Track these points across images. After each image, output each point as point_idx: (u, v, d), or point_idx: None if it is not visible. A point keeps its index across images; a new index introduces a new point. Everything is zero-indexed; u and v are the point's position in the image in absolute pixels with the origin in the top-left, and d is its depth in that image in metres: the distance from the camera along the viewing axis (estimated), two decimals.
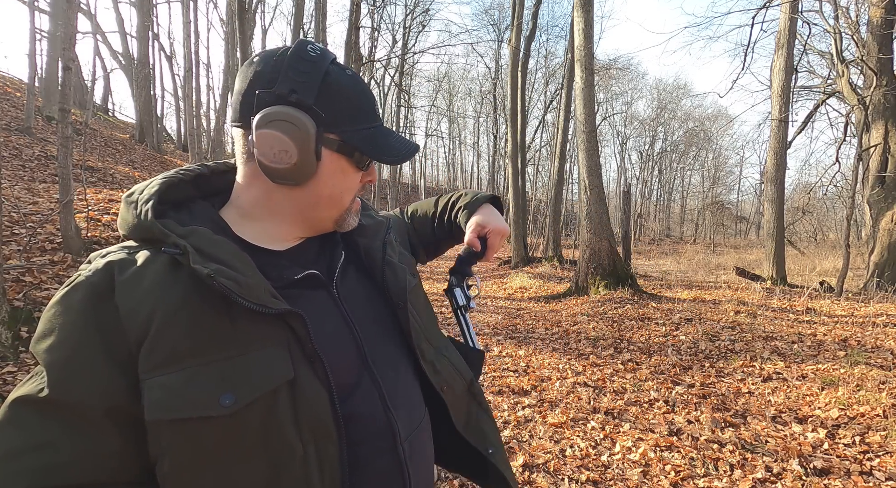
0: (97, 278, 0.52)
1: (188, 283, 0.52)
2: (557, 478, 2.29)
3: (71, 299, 0.51)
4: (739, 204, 38.86)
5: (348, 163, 0.63)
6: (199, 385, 0.49)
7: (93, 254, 0.58)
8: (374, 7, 17.61)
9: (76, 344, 0.49)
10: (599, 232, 7.44)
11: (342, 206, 0.66)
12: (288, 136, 0.57)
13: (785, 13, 8.04)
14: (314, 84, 0.59)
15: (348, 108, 0.62)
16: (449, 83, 39.17)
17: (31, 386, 0.49)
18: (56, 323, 0.50)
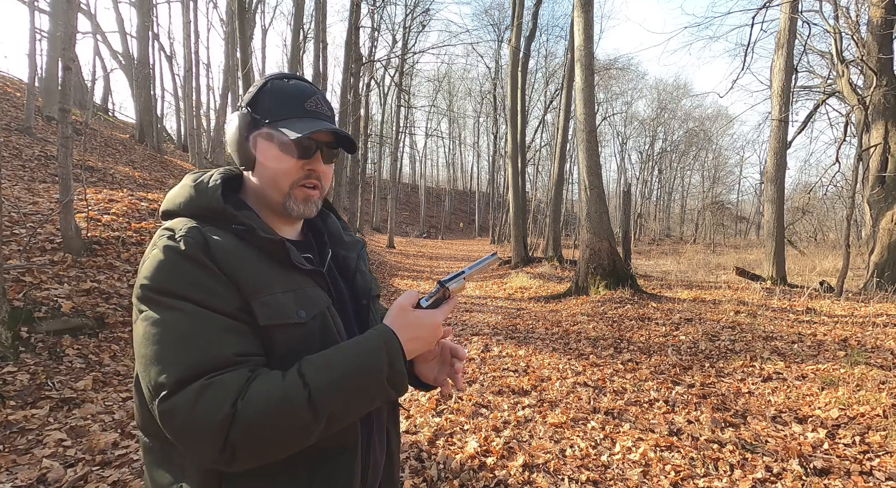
0: (196, 238, 0.71)
1: (254, 249, 0.75)
2: (557, 478, 2.29)
3: (187, 251, 0.69)
4: (739, 204, 38.86)
5: (278, 150, 0.79)
6: (284, 304, 0.73)
7: (171, 226, 0.74)
8: (374, 7, 17.59)
9: (207, 275, 0.69)
10: (599, 232, 7.43)
11: (282, 188, 0.80)
12: (233, 132, 0.82)
13: (785, 13, 8.04)
14: (252, 94, 0.82)
15: (272, 104, 0.81)
16: (449, 83, 39.17)
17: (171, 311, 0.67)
18: (185, 269, 0.68)
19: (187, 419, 0.61)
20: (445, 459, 2.44)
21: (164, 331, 0.65)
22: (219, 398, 0.62)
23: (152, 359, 0.64)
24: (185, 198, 0.78)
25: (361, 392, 0.69)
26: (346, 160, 11.18)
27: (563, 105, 13.66)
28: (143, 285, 0.68)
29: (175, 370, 0.63)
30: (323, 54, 11.21)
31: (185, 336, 0.65)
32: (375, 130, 28.88)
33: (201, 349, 0.65)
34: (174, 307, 0.66)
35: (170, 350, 0.64)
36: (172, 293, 0.67)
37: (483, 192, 39.57)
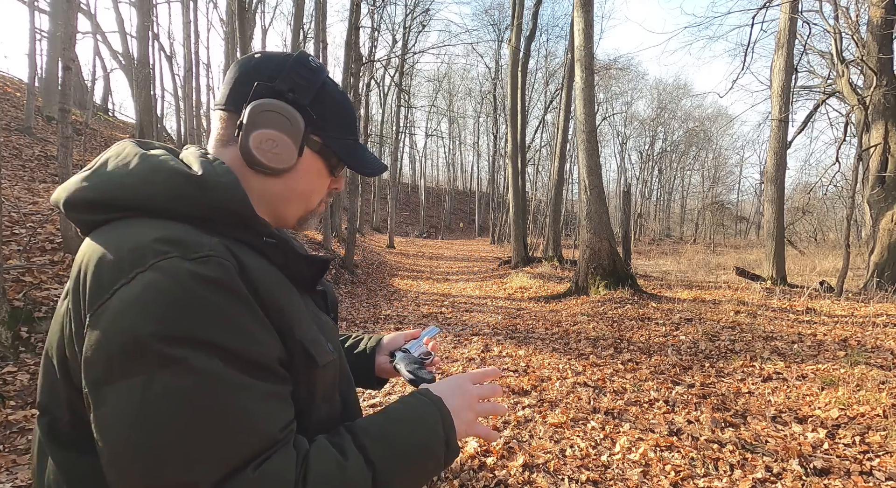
0: (229, 259, 0.53)
1: (274, 267, 0.60)
2: (557, 478, 2.29)
3: (223, 280, 0.51)
4: (739, 204, 38.87)
5: (324, 166, 0.70)
6: (320, 339, 0.62)
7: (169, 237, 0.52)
8: (374, 7, 17.61)
9: (248, 313, 0.52)
10: (599, 232, 7.44)
11: (310, 206, 0.72)
12: (278, 128, 0.63)
13: (785, 13, 8.04)
14: (312, 88, 0.67)
15: (336, 117, 0.69)
16: (449, 83, 39.18)
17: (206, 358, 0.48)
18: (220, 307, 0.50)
19: None
20: None
21: (191, 403, 0.46)
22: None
23: (166, 449, 0.44)
24: (176, 191, 0.55)
25: (422, 472, 0.60)
26: None
27: (563, 105, 13.66)
28: (151, 333, 0.46)
29: (209, 466, 0.45)
30: (323, 54, 11.21)
31: (219, 413, 0.46)
32: (375, 130, 28.88)
33: (243, 431, 0.48)
34: (202, 367, 0.47)
35: (196, 435, 0.45)
36: (201, 343, 0.47)
37: (483, 192, 39.58)
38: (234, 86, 0.65)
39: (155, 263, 0.49)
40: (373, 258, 13.94)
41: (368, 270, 11.45)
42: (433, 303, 7.88)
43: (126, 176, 0.56)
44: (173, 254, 0.49)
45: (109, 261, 0.50)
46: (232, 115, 0.65)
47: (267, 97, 0.63)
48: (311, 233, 11.87)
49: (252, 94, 0.63)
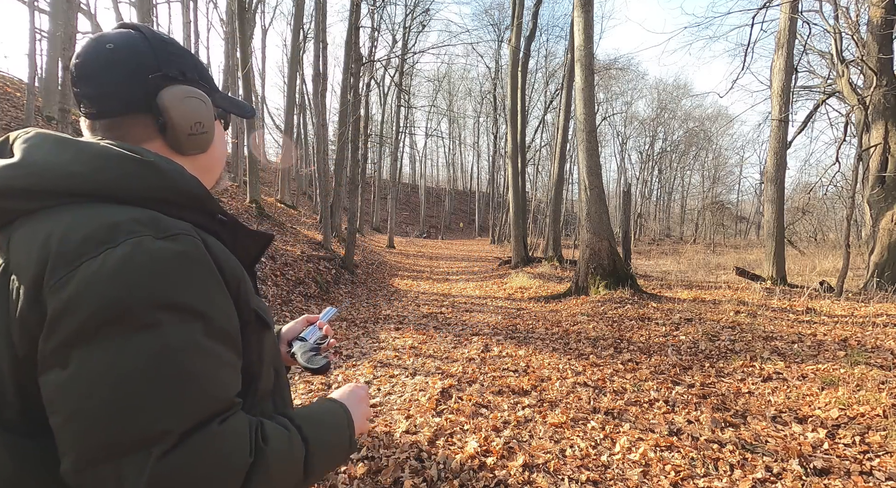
0: (195, 236, 0.57)
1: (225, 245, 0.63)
2: (557, 478, 2.29)
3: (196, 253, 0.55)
4: (739, 204, 38.85)
5: (221, 127, 0.76)
6: (266, 308, 0.68)
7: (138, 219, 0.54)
8: (374, 7, 17.59)
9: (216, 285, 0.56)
10: (599, 232, 7.44)
11: (222, 165, 0.77)
12: (200, 112, 0.67)
13: (785, 13, 8.04)
14: (191, 62, 0.70)
15: (206, 74, 0.72)
16: (449, 83, 39.17)
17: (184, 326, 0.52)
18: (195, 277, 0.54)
19: (198, 477, 0.49)
20: (445, 459, 2.44)
21: (165, 362, 0.49)
22: (235, 448, 0.52)
23: (139, 401, 0.47)
24: (137, 177, 0.57)
25: (336, 457, 0.69)
26: (345, 160, 11.17)
27: (563, 105, 13.66)
28: (127, 298, 0.48)
29: (180, 417, 0.49)
30: (323, 54, 11.21)
31: (191, 372, 0.50)
32: (375, 130, 28.88)
33: (210, 390, 0.52)
34: (179, 330, 0.50)
35: (170, 390, 0.49)
36: (184, 308, 0.51)
37: (483, 192, 39.58)
38: (120, 88, 0.63)
39: (125, 240, 0.51)
40: (373, 258, 13.95)
41: (368, 270, 11.45)
42: (433, 302, 7.88)
43: (70, 163, 0.56)
44: (144, 233, 0.52)
45: (73, 239, 0.51)
46: (138, 117, 0.65)
47: (167, 86, 0.65)
48: (312, 233, 11.86)
49: (153, 89, 0.64)
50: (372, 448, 2.56)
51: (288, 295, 6.61)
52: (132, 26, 0.68)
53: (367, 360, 4.34)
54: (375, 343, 5.05)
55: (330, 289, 8.03)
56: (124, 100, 0.64)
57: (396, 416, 3.01)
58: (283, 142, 15.91)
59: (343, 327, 5.81)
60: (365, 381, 3.75)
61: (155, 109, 0.64)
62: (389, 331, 5.63)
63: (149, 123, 0.65)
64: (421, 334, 5.40)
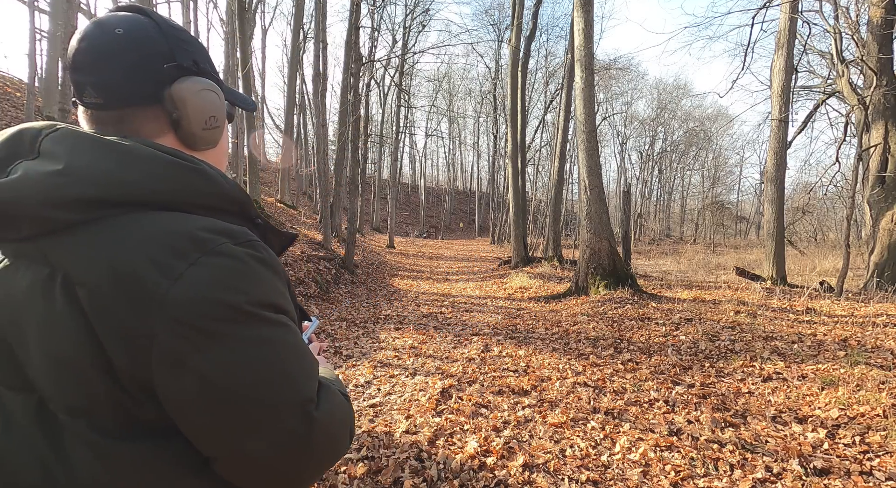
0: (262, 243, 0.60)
1: None
2: (557, 478, 2.29)
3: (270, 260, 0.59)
4: (739, 204, 38.85)
5: (226, 122, 0.72)
6: None
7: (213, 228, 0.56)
8: (374, 7, 17.59)
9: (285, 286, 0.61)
10: (599, 232, 7.43)
11: (226, 160, 0.75)
12: (214, 105, 0.65)
13: (785, 13, 8.04)
14: (202, 51, 0.67)
15: (215, 68, 0.70)
16: (449, 83, 39.16)
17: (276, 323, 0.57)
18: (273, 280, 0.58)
19: (338, 420, 0.61)
20: (445, 459, 2.44)
21: (287, 347, 0.57)
22: (341, 399, 0.64)
23: (287, 376, 0.55)
24: (189, 185, 0.58)
25: None
26: (346, 160, 11.18)
27: (563, 105, 13.66)
28: (240, 301, 0.53)
29: (312, 384, 0.59)
30: (323, 54, 11.21)
31: (302, 349, 0.59)
32: (375, 130, 28.88)
33: (312, 362, 0.61)
34: (283, 323, 0.58)
35: (299, 365, 0.58)
36: (278, 307, 0.58)
37: (483, 192, 39.57)
38: (132, 77, 0.60)
39: (214, 248, 0.53)
40: (373, 258, 13.94)
41: (368, 270, 11.45)
42: (433, 302, 7.88)
43: (119, 169, 0.54)
44: (225, 240, 0.55)
45: (159, 251, 0.51)
46: (149, 110, 0.62)
47: (182, 78, 0.62)
48: (312, 233, 11.86)
49: (167, 80, 0.61)
50: (372, 448, 2.56)
51: None
52: (138, 9, 0.63)
53: (367, 360, 4.34)
54: (375, 343, 5.05)
55: (330, 288, 8.03)
56: (137, 90, 0.60)
57: (396, 416, 3.01)
58: (283, 142, 15.91)
59: (343, 327, 5.81)
60: (365, 381, 3.75)
61: (168, 102, 0.62)
62: (389, 330, 5.63)
63: (160, 116, 0.62)
64: (421, 334, 5.40)
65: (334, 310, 6.93)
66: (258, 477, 0.55)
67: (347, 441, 0.64)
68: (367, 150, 24.68)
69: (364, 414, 3.08)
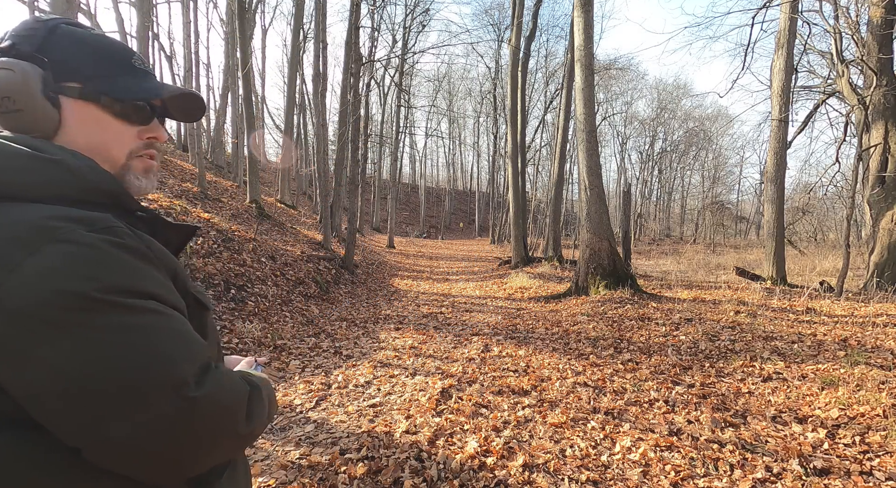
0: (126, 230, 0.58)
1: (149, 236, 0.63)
2: (557, 478, 2.29)
3: (131, 244, 0.56)
4: (739, 204, 38.85)
5: (103, 112, 0.65)
6: (204, 290, 0.72)
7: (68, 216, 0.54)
8: (374, 7, 17.59)
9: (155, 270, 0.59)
10: (599, 232, 7.44)
11: (116, 161, 0.67)
12: (9, 83, 0.60)
13: (785, 13, 8.04)
14: (38, 36, 0.63)
15: (88, 56, 0.65)
16: (449, 83, 39.17)
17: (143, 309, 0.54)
18: (138, 265, 0.56)
19: (223, 403, 0.58)
20: (445, 459, 2.44)
21: (154, 332, 0.54)
22: (235, 381, 0.62)
23: (154, 359, 0.53)
24: (46, 177, 0.57)
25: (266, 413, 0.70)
26: (346, 160, 11.17)
27: (563, 105, 13.66)
28: (87, 289, 0.50)
29: (188, 364, 0.55)
30: (323, 54, 11.20)
31: (180, 332, 0.57)
32: (375, 130, 28.88)
33: (193, 341, 0.59)
34: (148, 309, 0.54)
35: (170, 347, 0.55)
36: (141, 293, 0.54)
37: (483, 192, 39.56)
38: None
39: (61, 236, 0.51)
40: (373, 258, 13.94)
41: (368, 270, 11.45)
42: (433, 303, 7.88)
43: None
44: (77, 227, 0.53)
45: (1, 242, 0.50)
46: None
47: None
48: (312, 233, 11.86)
49: None
50: (372, 448, 2.56)
51: (288, 295, 6.61)
52: None
53: (367, 360, 4.34)
54: (375, 343, 5.05)
55: (330, 288, 8.03)
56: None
57: (396, 416, 3.01)
58: (283, 142, 15.91)
59: (343, 327, 5.81)
60: (365, 381, 3.75)
61: None
62: (389, 331, 5.63)
63: None
64: (421, 334, 5.40)
65: (334, 309, 6.93)
66: (130, 462, 0.53)
67: (243, 422, 0.60)
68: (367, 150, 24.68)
69: (364, 414, 3.08)
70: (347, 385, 3.67)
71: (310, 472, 2.31)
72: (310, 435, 2.76)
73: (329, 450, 2.52)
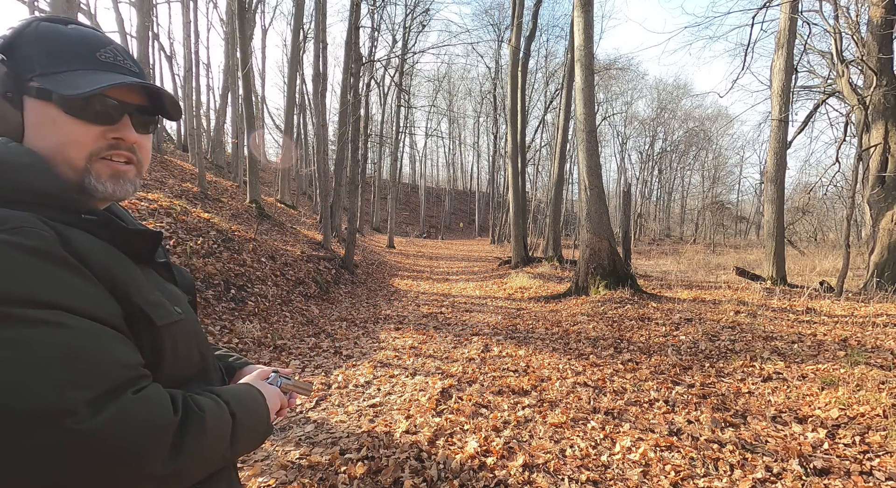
0: (44, 230, 0.53)
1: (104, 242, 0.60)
2: (557, 478, 2.29)
3: (42, 246, 0.51)
4: (739, 204, 38.83)
5: (58, 111, 0.60)
6: (163, 302, 0.64)
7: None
8: (374, 7, 17.58)
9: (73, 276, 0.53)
10: (599, 232, 7.43)
11: (74, 164, 0.61)
12: None
13: (785, 13, 8.04)
14: (7, 38, 0.60)
15: (45, 53, 0.60)
16: (449, 83, 39.16)
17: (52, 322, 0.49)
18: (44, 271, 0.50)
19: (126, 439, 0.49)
20: (445, 459, 2.44)
21: (44, 349, 0.47)
22: (157, 411, 0.52)
23: (32, 383, 0.45)
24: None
25: (255, 437, 0.69)
26: (346, 160, 11.17)
27: (563, 105, 13.66)
28: None
29: (80, 390, 0.47)
30: (323, 54, 11.21)
31: (80, 349, 0.49)
32: (375, 130, 28.87)
33: (102, 361, 0.50)
34: (43, 320, 0.48)
35: (59, 369, 0.47)
36: (34, 301, 0.48)
37: (483, 192, 39.56)
38: None
39: None
40: (373, 258, 13.94)
41: (368, 270, 11.45)
42: (433, 303, 7.88)
43: None
44: None
45: None
46: None
47: None
48: (312, 233, 11.87)
49: None
50: (372, 448, 2.56)
51: (288, 295, 6.61)
52: None
53: (367, 360, 4.34)
54: (375, 343, 5.05)
55: (330, 288, 8.03)
56: None
57: (396, 416, 3.01)
58: (283, 142, 15.91)
59: (343, 327, 5.81)
60: (365, 381, 3.75)
61: None
62: (389, 331, 5.63)
63: None
64: (421, 334, 5.40)
65: (334, 309, 6.93)
66: None
67: (161, 460, 0.51)
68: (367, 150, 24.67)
69: (364, 414, 3.08)
70: (347, 385, 3.67)
71: (310, 472, 2.31)
72: (310, 435, 2.76)
73: (329, 450, 2.52)
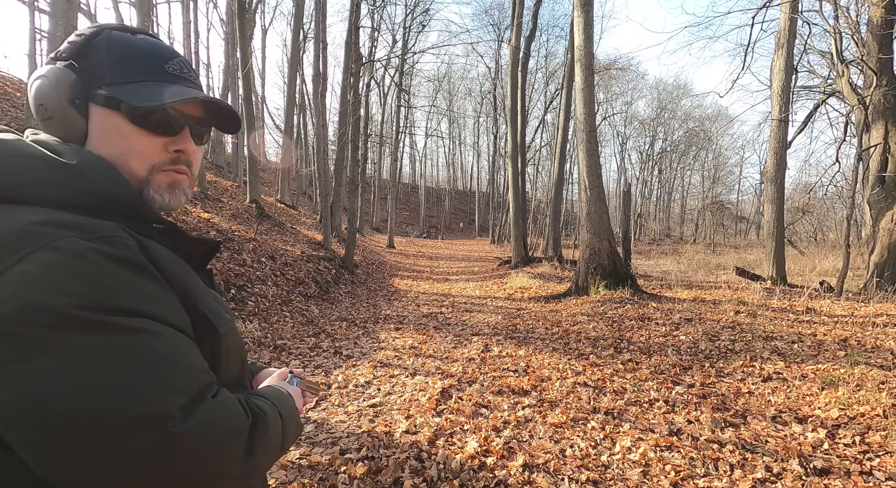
0: (129, 239, 0.54)
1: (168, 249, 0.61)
2: (557, 478, 2.29)
3: (128, 255, 0.52)
4: (739, 204, 38.83)
5: (124, 121, 0.61)
6: (219, 309, 0.66)
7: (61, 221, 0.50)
8: (374, 7, 17.58)
9: (155, 286, 0.55)
10: (599, 232, 7.44)
11: (136, 174, 0.62)
12: (42, 90, 0.60)
13: (785, 13, 8.04)
14: (79, 42, 0.62)
15: (116, 63, 0.61)
16: (449, 83, 39.18)
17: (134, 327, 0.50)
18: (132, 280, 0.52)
19: (214, 441, 0.52)
20: (445, 459, 2.44)
21: (138, 355, 0.49)
22: (235, 414, 0.56)
23: (132, 388, 0.47)
24: (50, 180, 0.54)
25: (293, 435, 0.71)
26: (346, 160, 11.17)
27: (563, 105, 13.66)
28: (67, 305, 0.45)
29: (173, 395, 0.50)
30: (323, 54, 11.21)
31: (170, 355, 0.51)
32: (375, 130, 28.89)
33: (186, 367, 0.53)
34: (135, 328, 0.49)
35: (155, 375, 0.49)
36: (126, 309, 0.49)
37: (483, 192, 39.57)
38: None
39: (50, 243, 0.47)
40: (373, 258, 13.94)
41: (368, 270, 11.45)
42: (433, 302, 7.88)
43: None
44: (70, 234, 0.49)
45: None
46: None
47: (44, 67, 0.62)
48: (312, 233, 11.87)
49: None
50: (372, 448, 2.56)
51: (288, 295, 6.61)
52: None
53: (367, 360, 4.34)
54: (375, 343, 5.05)
55: (330, 288, 8.03)
56: None
57: (396, 416, 3.01)
58: (283, 142, 15.92)
59: (343, 327, 5.81)
60: (365, 381, 3.75)
61: None
62: (389, 331, 5.63)
63: None
64: (421, 334, 5.40)
65: (334, 309, 6.93)
66: None
67: (240, 461, 0.54)
68: (367, 150, 24.69)
69: (364, 414, 3.08)
70: (347, 385, 3.67)
71: (310, 472, 2.31)
72: (310, 435, 2.76)
73: (329, 450, 2.52)
